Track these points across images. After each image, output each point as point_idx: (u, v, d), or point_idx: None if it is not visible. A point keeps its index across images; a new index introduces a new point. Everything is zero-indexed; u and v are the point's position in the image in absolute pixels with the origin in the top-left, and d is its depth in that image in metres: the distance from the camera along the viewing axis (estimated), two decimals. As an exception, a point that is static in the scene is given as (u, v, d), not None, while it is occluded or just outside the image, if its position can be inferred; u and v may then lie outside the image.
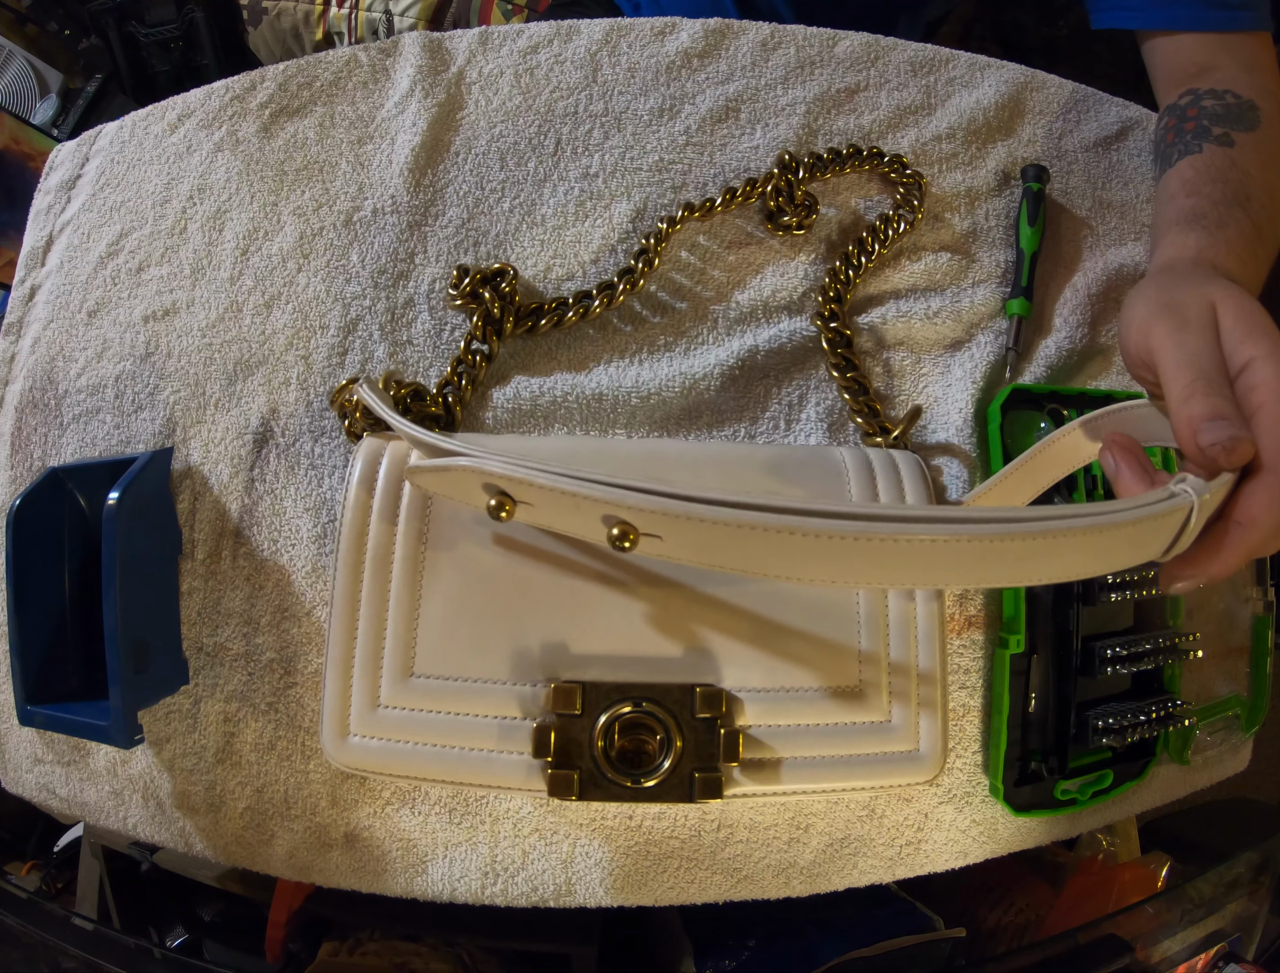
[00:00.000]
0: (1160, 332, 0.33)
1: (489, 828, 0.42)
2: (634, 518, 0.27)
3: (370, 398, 0.39)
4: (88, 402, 0.48)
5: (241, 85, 0.53)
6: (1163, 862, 0.56)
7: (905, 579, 0.26)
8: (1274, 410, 0.29)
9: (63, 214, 0.54)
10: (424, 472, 0.32)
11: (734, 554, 0.26)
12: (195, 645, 0.43)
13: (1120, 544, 0.26)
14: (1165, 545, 0.28)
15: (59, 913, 0.50)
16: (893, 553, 0.25)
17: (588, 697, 0.33)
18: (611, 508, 0.27)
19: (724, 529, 0.25)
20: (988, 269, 0.50)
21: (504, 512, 0.29)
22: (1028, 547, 0.24)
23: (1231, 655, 0.50)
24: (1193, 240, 0.42)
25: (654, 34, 0.54)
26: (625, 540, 0.27)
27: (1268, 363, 0.30)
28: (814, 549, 0.25)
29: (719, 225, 0.50)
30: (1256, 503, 0.28)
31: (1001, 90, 0.55)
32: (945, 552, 0.24)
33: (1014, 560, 0.25)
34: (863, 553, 0.25)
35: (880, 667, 0.35)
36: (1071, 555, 0.25)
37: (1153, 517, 0.26)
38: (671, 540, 0.27)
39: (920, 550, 0.24)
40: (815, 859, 0.43)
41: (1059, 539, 0.24)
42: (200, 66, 1.11)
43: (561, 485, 0.27)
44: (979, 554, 0.25)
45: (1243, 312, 0.33)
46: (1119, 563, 0.27)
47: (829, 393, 0.47)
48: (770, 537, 0.25)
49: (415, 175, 0.50)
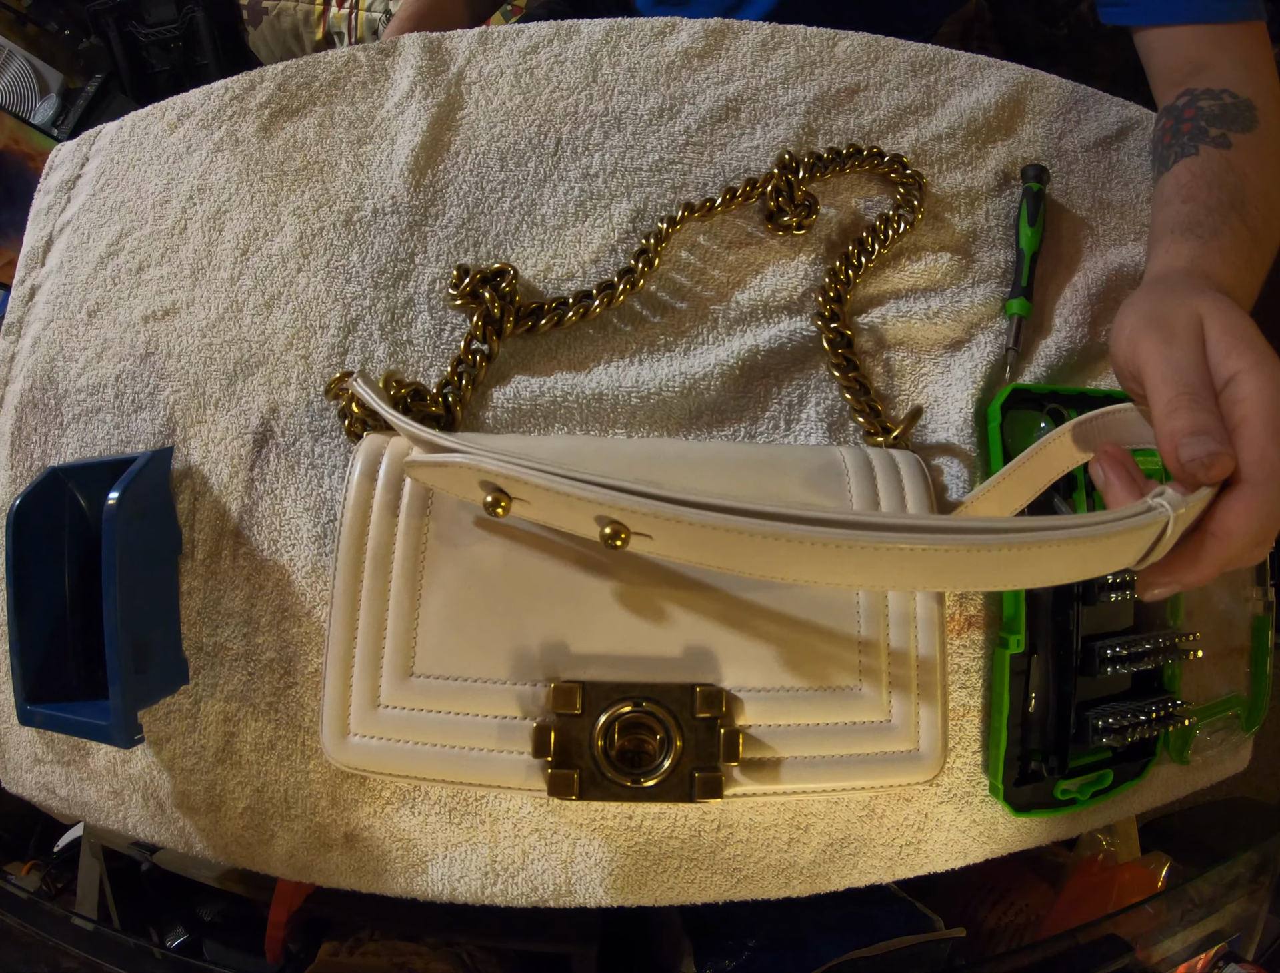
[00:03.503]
0: (1147, 344, 0.33)
1: (489, 828, 0.42)
2: (625, 518, 0.28)
3: (365, 392, 0.39)
4: (88, 401, 0.48)
5: (241, 85, 0.53)
6: (1163, 862, 0.56)
7: (886, 583, 0.28)
8: (1256, 424, 0.29)
9: (63, 214, 0.54)
10: (422, 466, 0.33)
11: (721, 555, 0.28)
12: (195, 645, 0.43)
13: (1095, 554, 0.27)
14: (1140, 555, 0.29)
15: (59, 913, 0.50)
16: (874, 559, 0.26)
17: (588, 696, 0.33)
18: (604, 509, 0.28)
19: (711, 532, 0.26)
20: (988, 269, 0.50)
21: (500, 508, 0.30)
22: (1004, 556, 0.26)
23: (1231, 655, 0.50)
24: (1187, 249, 0.42)
25: (654, 34, 0.54)
26: (617, 539, 0.28)
27: (1252, 376, 0.30)
28: (798, 553, 0.26)
29: (719, 225, 0.50)
30: (1232, 515, 0.28)
31: (1001, 90, 0.55)
32: (925, 559, 0.26)
33: (992, 568, 0.26)
34: (845, 559, 0.26)
35: (880, 662, 0.35)
36: (1048, 563, 0.27)
37: (1128, 530, 0.27)
38: (661, 540, 0.28)
39: (900, 558, 0.26)
40: (815, 859, 0.43)
41: (1035, 550, 0.26)
42: (200, 66, 1.11)
43: (555, 485, 0.28)
44: (958, 562, 0.26)
45: (1229, 325, 0.33)
46: (1094, 570, 0.28)
47: (829, 393, 0.47)
48: (755, 541, 0.26)
49: (415, 175, 0.50)
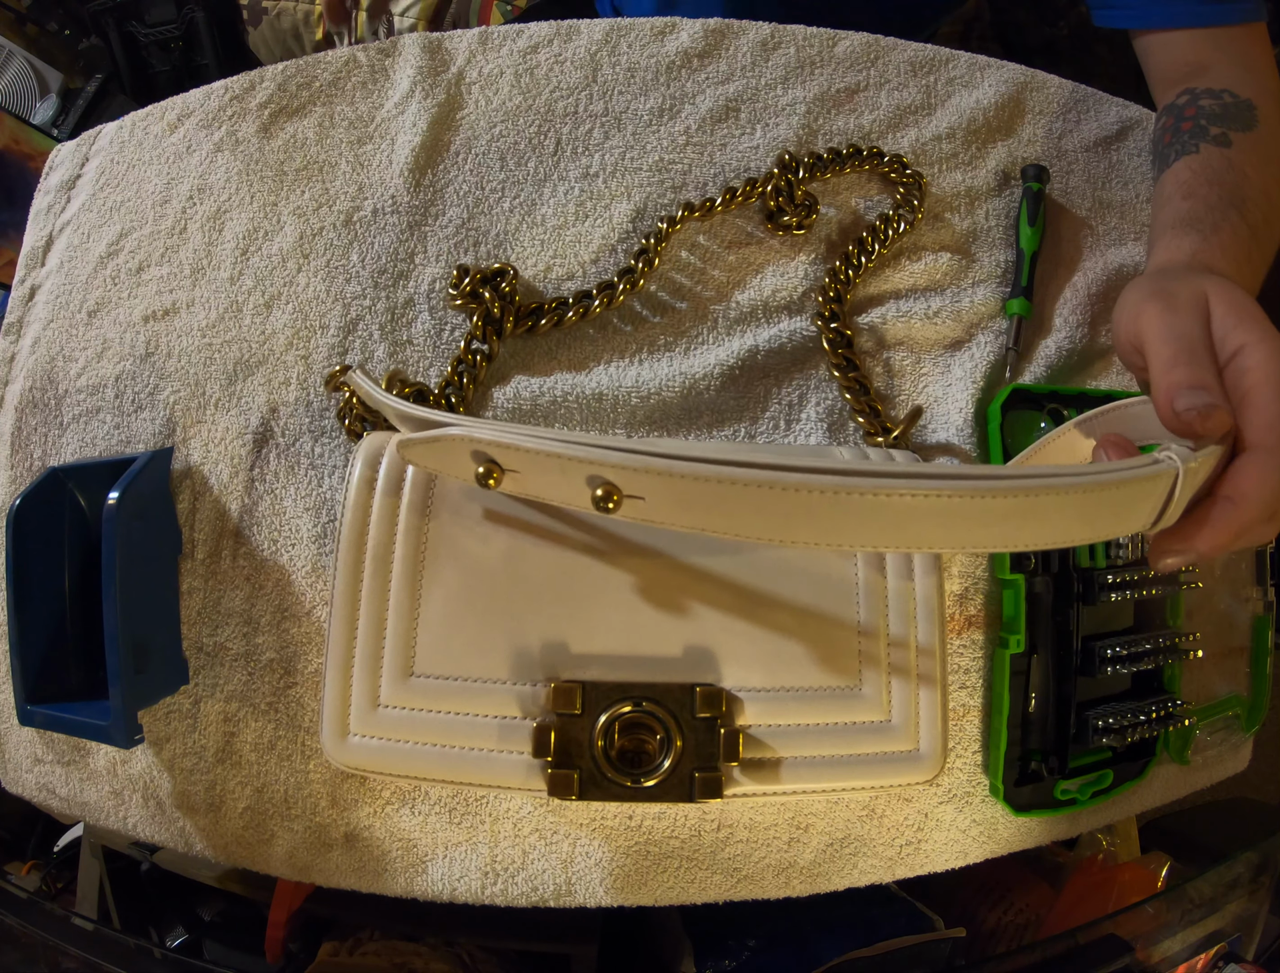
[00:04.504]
0: (1150, 313, 0.34)
1: (489, 828, 0.42)
2: (617, 477, 0.27)
3: (364, 382, 0.39)
4: (88, 402, 0.48)
5: (241, 85, 0.53)
6: (1163, 862, 0.56)
7: (886, 540, 0.25)
8: (1266, 391, 0.30)
9: (63, 214, 0.54)
10: (415, 444, 0.32)
11: (716, 513, 0.26)
12: (195, 645, 0.43)
13: (1105, 509, 0.26)
14: (1152, 515, 0.27)
15: (59, 913, 0.50)
16: (872, 510, 0.24)
17: (588, 696, 0.33)
18: (595, 468, 0.27)
19: (705, 486, 0.25)
20: (988, 269, 0.50)
21: (491, 479, 0.29)
22: (1010, 505, 0.24)
23: (1231, 655, 0.50)
24: (1188, 244, 0.42)
25: (654, 34, 0.54)
26: (609, 501, 0.27)
27: (1259, 348, 0.31)
28: (793, 506, 0.25)
29: (719, 225, 0.50)
30: (1244, 478, 0.29)
31: (1001, 90, 0.55)
32: (925, 509, 0.24)
33: (998, 520, 0.25)
34: (842, 510, 0.25)
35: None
36: (1055, 517, 0.25)
37: (1137, 480, 0.26)
38: (654, 500, 0.27)
39: (900, 507, 0.24)
40: (815, 859, 0.43)
41: (1041, 498, 0.24)
42: (200, 66, 1.11)
43: (546, 447, 0.28)
44: (961, 512, 0.24)
45: (1234, 301, 0.33)
46: (1105, 530, 0.27)
47: (829, 393, 0.47)
48: (750, 492, 0.25)
49: (415, 175, 0.50)
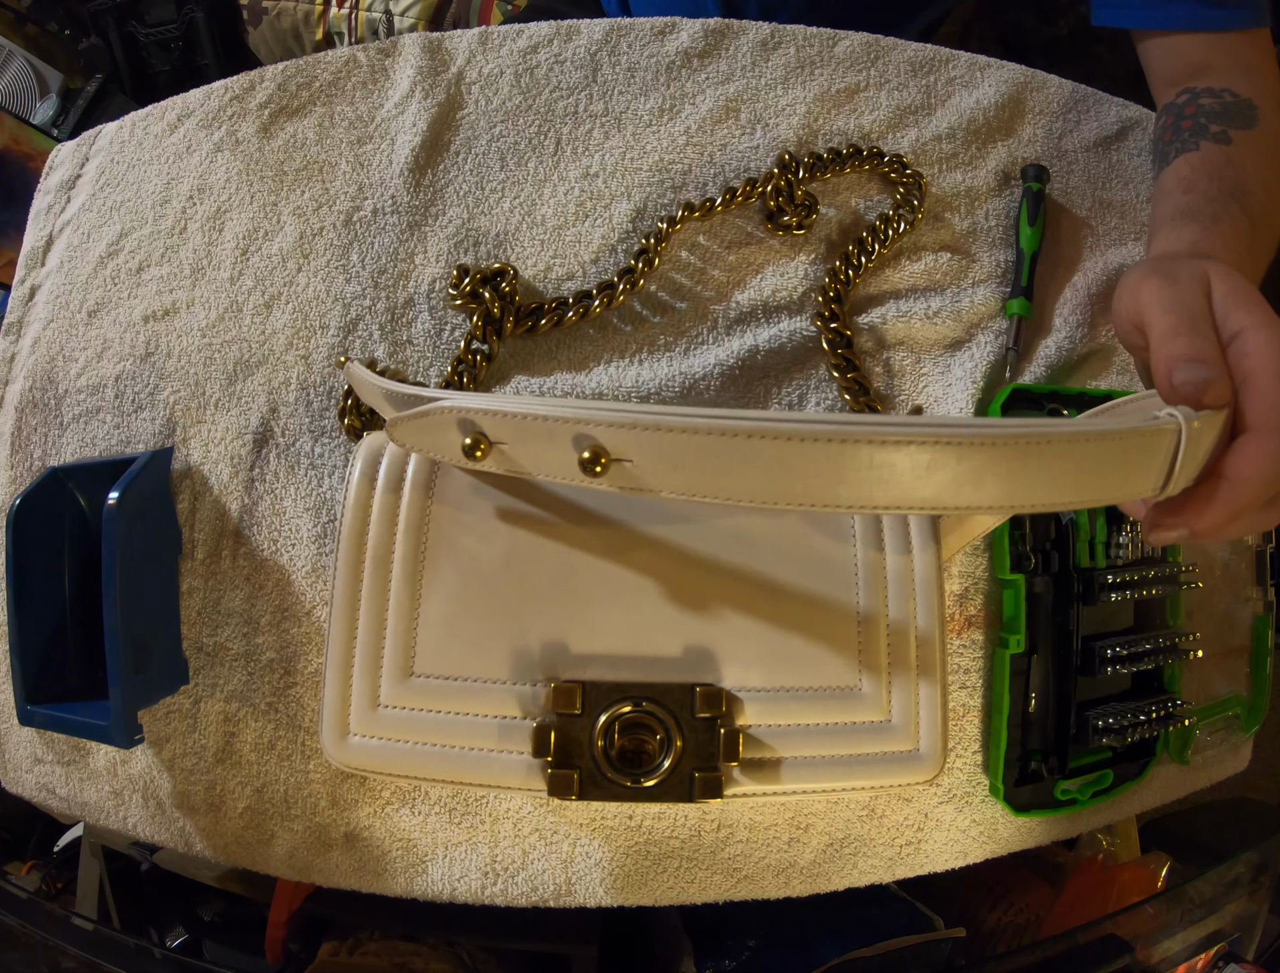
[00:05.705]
0: (1151, 284, 0.34)
1: (489, 828, 0.42)
2: (603, 436, 0.26)
3: (357, 370, 0.39)
4: (88, 401, 0.48)
5: (241, 85, 0.53)
6: (1163, 862, 0.56)
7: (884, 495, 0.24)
8: (1267, 374, 0.30)
9: (63, 214, 0.54)
10: (404, 421, 0.32)
11: (708, 473, 0.26)
12: (195, 645, 0.43)
13: (1110, 465, 0.25)
14: (1159, 478, 0.27)
15: (59, 913, 0.50)
16: (866, 466, 0.24)
17: (588, 696, 0.33)
18: (583, 427, 0.26)
19: (694, 439, 0.25)
20: (988, 269, 0.50)
21: (478, 451, 0.29)
22: (1012, 453, 0.23)
23: (1231, 655, 0.50)
24: (1188, 234, 0.42)
25: (654, 34, 0.54)
26: (596, 465, 0.27)
27: (1260, 332, 0.31)
28: (784, 459, 0.24)
29: (719, 225, 0.50)
30: (1244, 459, 0.29)
31: (1001, 90, 0.55)
32: (926, 460, 0.23)
33: (1002, 474, 0.24)
34: (835, 463, 0.24)
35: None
36: (1058, 468, 0.24)
37: (1139, 433, 0.25)
38: (642, 461, 0.26)
39: (899, 458, 0.23)
40: (815, 859, 0.43)
41: (1043, 447, 0.24)
42: (200, 66, 1.11)
43: (533, 409, 0.28)
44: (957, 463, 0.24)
45: (1236, 284, 0.33)
46: (1111, 490, 0.26)
47: (829, 393, 0.47)
48: (739, 445, 0.24)
49: (415, 175, 0.50)
